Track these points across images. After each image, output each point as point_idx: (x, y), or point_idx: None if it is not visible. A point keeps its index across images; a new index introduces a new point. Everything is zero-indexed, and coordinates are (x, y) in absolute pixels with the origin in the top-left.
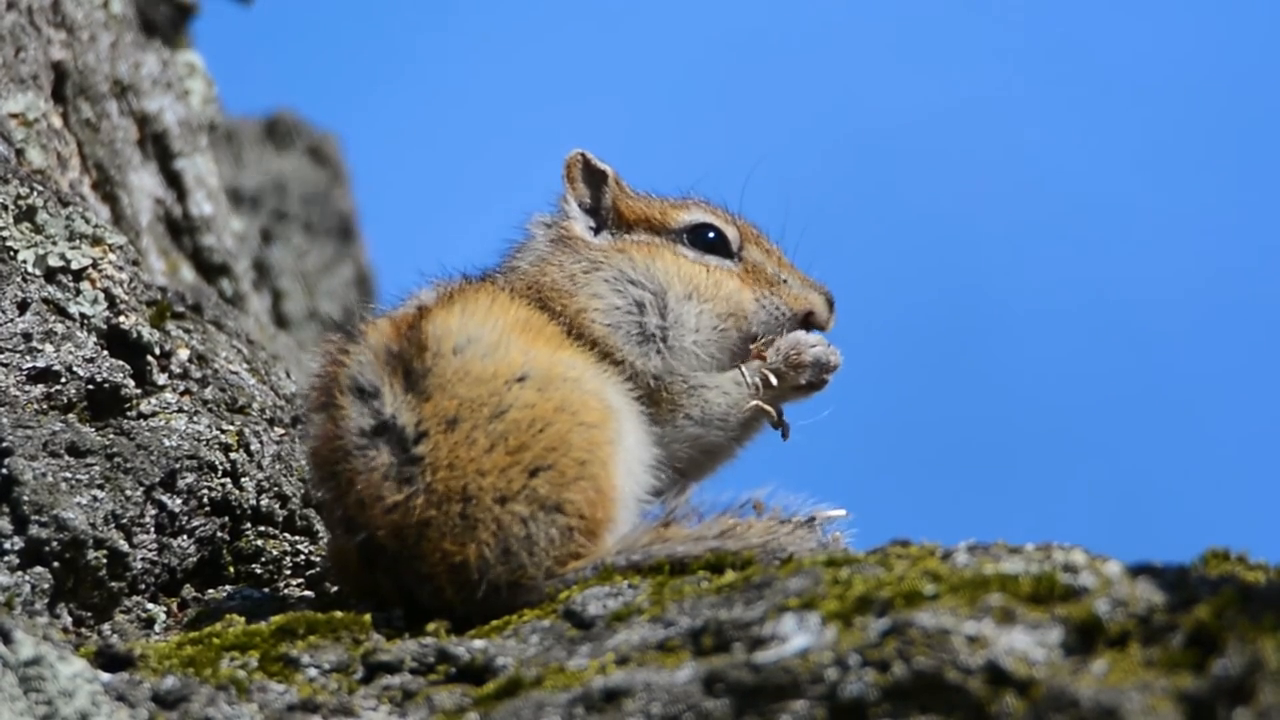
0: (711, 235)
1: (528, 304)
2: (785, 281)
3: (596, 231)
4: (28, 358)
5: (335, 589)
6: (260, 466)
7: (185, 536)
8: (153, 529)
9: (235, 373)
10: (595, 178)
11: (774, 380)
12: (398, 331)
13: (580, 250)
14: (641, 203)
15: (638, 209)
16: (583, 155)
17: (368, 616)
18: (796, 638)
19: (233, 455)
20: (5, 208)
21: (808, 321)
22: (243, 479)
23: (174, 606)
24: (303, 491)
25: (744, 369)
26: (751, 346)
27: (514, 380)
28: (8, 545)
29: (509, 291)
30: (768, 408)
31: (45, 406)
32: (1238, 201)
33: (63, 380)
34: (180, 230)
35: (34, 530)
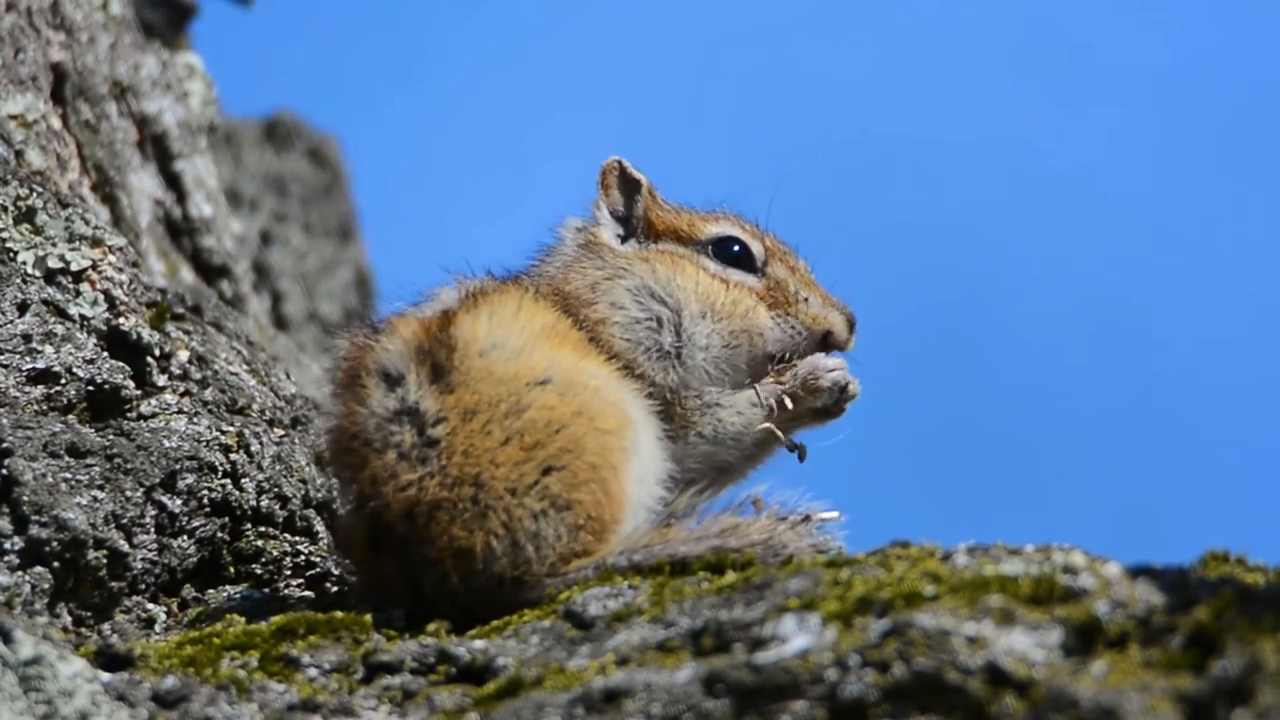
0: (736, 249)
1: (553, 308)
2: (806, 300)
3: (624, 240)
4: (28, 359)
5: (335, 589)
6: (260, 467)
7: (185, 537)
8: (153, 529)
9: (235, 374)
10: (629, 186)
11: (789, 403)
12: (427, 332)
13: (605, 257)
14: (671, 214)
15: (667, 220)
16: (619, 163)
17: (368, 617)
18: (797, 638)
19: (233, 456)
20: (5, 209)
21: (827, 341)
22: (243, 480)
23: (174, 606)
24: (303, 492)
25: (759, 390)
26: (771, 369)
27: (536, 383)
28: (8, 545)
29: (535, 294)
30: (778, 432)
31: (45, 407)
32: (1239, 200)
33: (63, 381)
34: (180, 232)
35: (34, 530)
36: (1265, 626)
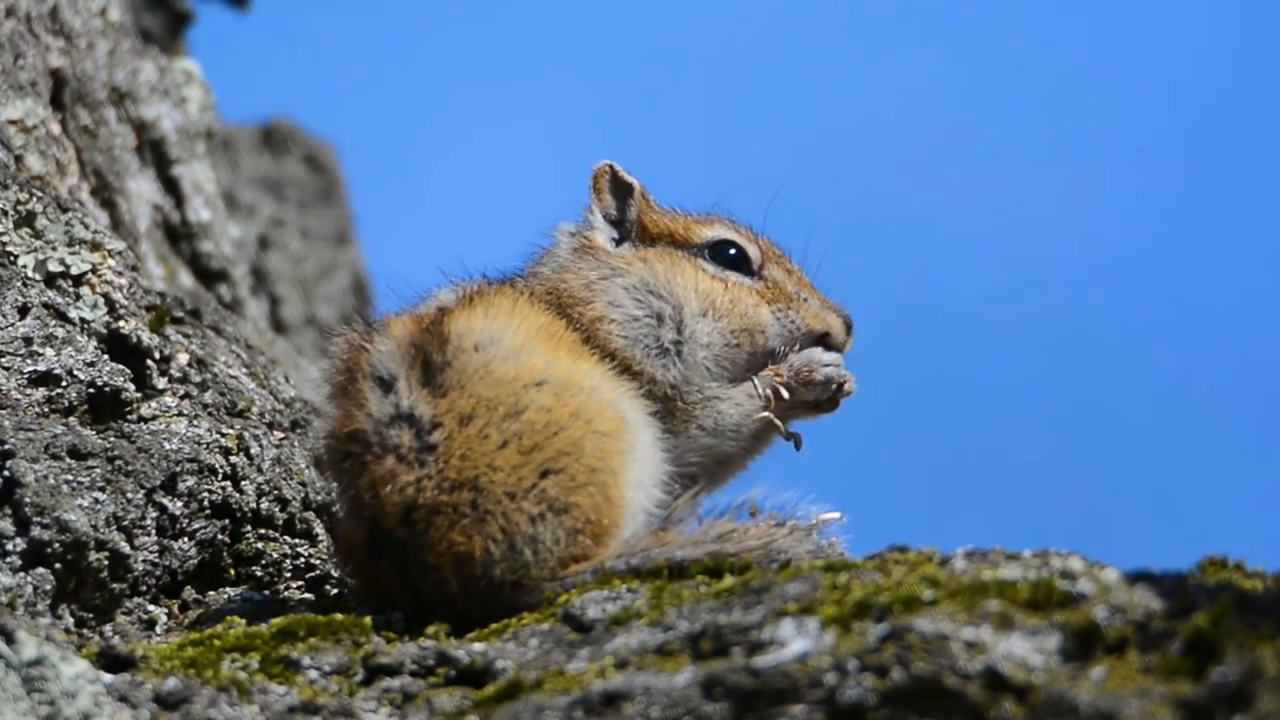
0: (733, 252)
1: (547, 309)
2: (805, 300)
3: (619, 243)
4: (29, 361)
5: (335, 591)
6: (260, 470)
7: (186, 539)
8: (154, 531)
9: (234, 377)
10: (622, 190)
11: (785, 394)
12: (420, 326)
13: (601, 258)
14: (666, 217)
15: (662, 223)
16: (611, 167)
17: (368, 619)
18: (795, 642)
19: (233, 459)
20: (5, 213)
21: (824, 342)
22: (243, 482)
23: (175, 608)
24: (302, 495)
25: (756, 381)
26: (770, 365)
27: (533, 384)
28: (10, 547)
29: (530, 296)
30: (776, 421)
31: (46, 410)
32: (1232, 198)
33: (63, 384)
34: (178, 236)
35: (36, 532)
36: (1264, 632)
